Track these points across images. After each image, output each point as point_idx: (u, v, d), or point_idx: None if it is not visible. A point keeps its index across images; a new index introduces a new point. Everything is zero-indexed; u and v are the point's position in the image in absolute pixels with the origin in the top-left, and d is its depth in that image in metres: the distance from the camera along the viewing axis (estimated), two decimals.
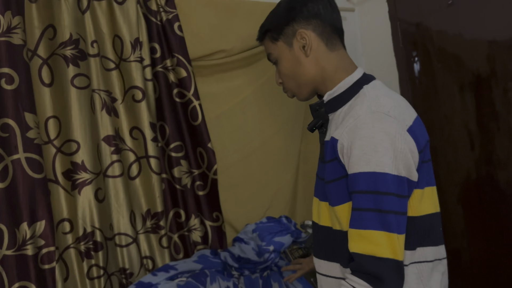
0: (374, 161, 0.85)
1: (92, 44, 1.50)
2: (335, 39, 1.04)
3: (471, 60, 2.00)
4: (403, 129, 0.89)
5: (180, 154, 1.67)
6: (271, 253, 1.59)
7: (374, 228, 0.85)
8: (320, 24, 1.02)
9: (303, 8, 1.03)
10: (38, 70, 1.41)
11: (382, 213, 0.85)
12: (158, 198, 1.57)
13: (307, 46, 1.02)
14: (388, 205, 0.85)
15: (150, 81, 1.59)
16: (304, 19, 1.03)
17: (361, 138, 0.87)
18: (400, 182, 0.86)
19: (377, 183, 0.85)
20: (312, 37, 1.02)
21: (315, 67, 1.03)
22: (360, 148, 0.87)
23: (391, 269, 0.84)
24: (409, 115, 0.95)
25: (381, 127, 0.87)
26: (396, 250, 0.85)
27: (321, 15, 1.02)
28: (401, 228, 0.87)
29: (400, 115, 0.91)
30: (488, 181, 1.98)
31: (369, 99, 0.94)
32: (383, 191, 0.85)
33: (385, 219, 0.85)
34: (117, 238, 1.51)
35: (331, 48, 1.03)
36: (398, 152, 0.86)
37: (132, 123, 1.57)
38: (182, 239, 1.65)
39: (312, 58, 1.03)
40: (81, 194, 1.43)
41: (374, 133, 0.87)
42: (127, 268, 1.52)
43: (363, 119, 0.89)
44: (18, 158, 1.32)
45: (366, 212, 0.86)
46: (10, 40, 1.34)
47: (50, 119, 1.41)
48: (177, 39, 1.64)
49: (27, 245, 1.31)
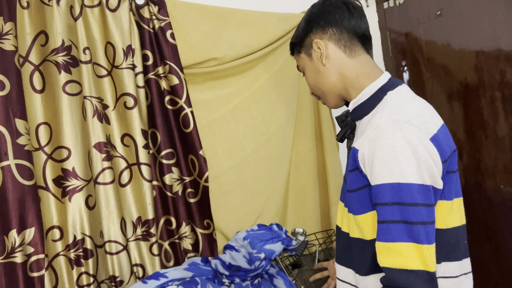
0: (397, 172, 0.84)
1: (84, 51, 1.50)
2: (355, 45, 1.04)
3: (459, 69, 2.03)
4: (425, 138, 0.87)
5: (172, 161, 1.67)
6: (262, 260, 1.60)
7: (402, 240, 0.83)
8: (336, 32, 1.03)
9: (320, 19, 1.05)
10: (30, 76, 1.40)
11: (409, 224, 0.83)
12: (149, 205, 1.56)
13: (322, 55, 1.04)
14: (415, 216, 0.83)
15: (142, 88, 1.59)
16: (320, 29, 1.05)
17: (382, 148, 0.86)
18: (426, 190, 0.85)
19: (402, 194, 0.84)
20: (328, 46, 1.04)
21: (335, 75, 1.04)
22: (382, 158, 0.85)
23: (423, 281, 0.82)
24: (434, 123, 0.92)
25: (402, 135, 0.85)
26: (427, 261, 0.83)
27: (337, 22, 1.03)
28: (430, 238, 0.85)
29: (423, 124, 0.88)
30: (476, 189, 2.01)
31: (390, 107, 0.92)
32: (409, 202, 0.83)
33: (413, 230, 0.83)
34: (107, 246, 1.51)
35: (351, 55, 1.03)
36: (422, 161, 0.85)
37: (123, 130, 1.57)
38: (173, 246, 1.65)
39: (330, 67, 1.04)
40: (72, 201, 1.42)
41: (395, 142, 0.85)
42: (117, 276, 1.51)
43: (383, 128, 0.87)
44: (8, 164, 1.31)
45: (393, 224, 0.84)
46: (1, 46, 1.33)
47: (41, 126, 1.41)
48: (170, 46, 1.65)
49: (16, 252, 1.30)
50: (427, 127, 0.89)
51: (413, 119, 0.88)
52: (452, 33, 2.03)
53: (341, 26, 1.03)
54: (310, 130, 2.10)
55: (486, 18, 1.87)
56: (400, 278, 0.83)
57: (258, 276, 1.61)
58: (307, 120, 2.10)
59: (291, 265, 1.77)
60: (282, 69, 2.02)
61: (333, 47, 1.03)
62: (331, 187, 2.11)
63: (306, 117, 2.10)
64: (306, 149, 2.09)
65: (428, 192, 0.85)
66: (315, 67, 1.07)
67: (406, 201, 0.83)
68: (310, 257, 1.83)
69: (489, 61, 1.90)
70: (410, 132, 0.85)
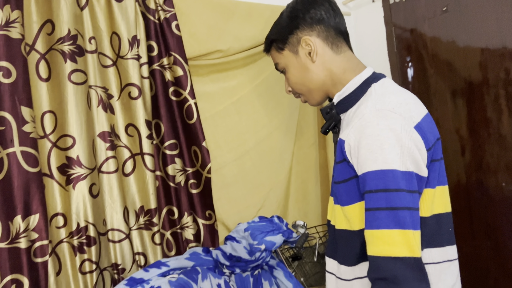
0: (381, 159, 0.85)
1: (90, 41, 1.51)
2: (340, 41, 1.06)
3: (463, 66, 2.03)
4: (409, 126, 0.88)
5: (175, 152, 1.69)
6: (262, 252, 1.61)
7: (388, 227, 0.83)
8: (323, 29, 1.04)
9: (306, 16, 1.05)
10: (36, 64, 1.41)
11: (395, 210, 0.83)
12: (152, 195, 1.58)
13: (313, 52, 1.04)
14: (400, 202, 0.83)
15: (147, 79, 1.60)
16: (308, 26, 1.05)
17: (367, 137, 0.87)
18: (409, 177, 0.85)
19: (386, 181, 0.84)
20: (317, 42, 1.04)
21: (323, 72, 1.05)
22: (367, 147, 0.87)
23: (409, 268, 0.82)
24: (418, 112, 0.94)
25: (386, 124, 0.87)
26: (413, 247, 0.83)
27: (324, 20, 1.04)
28: (415, 224, 0.85)
29: (407, 112, 0.90)
30: (478, 187, 2.02)
31: (375, 98, 0.94)
32: (393, 188, 0.84)
33: (398, 216, 0.83)
34: (110, 234, 1.52)
35: (337, 51, 1.05)
36: (405, 148, 0.86)
37: (127, 120, 1.58)
38: (175, 236, 1.67)
39: (319, 63, 1.05)
40: (76, 189, 1.44)
41: (380, 130, 0.87)
42: (119, 264, 1.53)
43: (368, 117, 0.89)
44: (13, 151, 1.33)
45: (378, 212, 0.84)
46: (8, 34, 1.34)
47: (46, 114, 1.42)
48: (174, 38, 1.66)
49: (20, 238, 1.32)
50: (411, 116, 0.90)
51: (397, 107, 0.90)
52: (457, 30, 2.03)
53: (328, 24, 1.04)
54: (312, 125, 2.11)
55: (492, 15, 1.87)
56: (385, 267, 0.83)
57: (258, 267, 1.62)
58: (310, 114, 2.11)
59: (291, 257, 1.79)
60: None
61: (321, 44, 1.04)
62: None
63: (309, 112, 2.11)
64: (308, 143, 2.10)
65: (411, 179, 0.86)
66: (302, 64, 1.07)
67: (390, 187, 0.84)
68: (310, 250, 1.85)
69: (493, 58, 1.90)
70: (394, 121, 0.87)
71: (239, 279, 1.55)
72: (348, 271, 0.98)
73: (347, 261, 0.98)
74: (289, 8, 1.10)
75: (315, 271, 1.85)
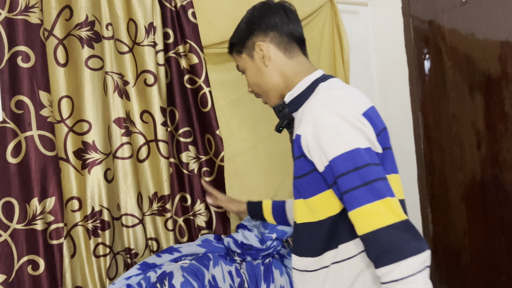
0: (342, 142, 0.91)
1: (107, 27, 1.52)
2: (293, 47, 1.13)
3: (482, 60, 2.00)
4: (357, 113, 0.95)
5: (189, 139, 1.70)
6: (274, 240, 1.62)
7: (369, 201, 0.87)
8: (277, 35, 1.11)
9: (261, 22, 1.13)
10: (54, 49, 1.43)
11: (370, 183, 0.88)
12: (165, 181, 1.59)
13: (265, 57, 1.12)
14: (372, 175, 0.89)
15: (162, 66, 1.61)
16: (262, 32, 1.12)
17: (322, 127, 0.93)
18: (370, 152, 0.92)
19: (354, 160, 0.89)
20: (270, 48, 1.11)
21: (276, 75, 1.12)
22: (325, 136, 0.93)
23: (402, 231, 0.85)
24: (363, 104, 1.01)
25: (335, 112, 0.94)
26: (397, 212, 0.87)
27: (278, 27, 1.11)
28: (391, 191, 0.89)
29: (353, 102, 0.98)
30: (493, 182, 1.99)
31: (322, 92, 1.03)
32: (361, 165, 0.89)
33: (375, 188, 0.88)
34: (123, 219, 1.55)
35: (290, 56, 1.12)
36: (358, 129, 0.93)
37: (143, 106, 1.59)
38: (187, 223, 1.68)
39: (272, 67, 1.12)
40: (91, 174, 1.46)
41: (331, 118, 0.93)
42: (133, 248, 1.55)
43: (318, 109, 0.96)
44: (31, 135, 1.35)
45: (356, 190, 0.89)
46: (27, 19, 1.36)
47: (63, 99, 1.44)
48: (191, 25, 1.66)
49: (36, 220, 1.34)
50: (357, 105, 0.98)
51: (343, 98, 0.98)
52: (477, 22, 1.99)
53: (281, 30, 1.12)
54: None
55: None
56: (381, 239, 0.86)
57: (269, 256, 1.63)
58: None
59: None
60: None
61: (274, 49, 1.12)
62: None
63: None
64: None
65: (372, 154, 0.92)
66: (257, 67, 1.14)
67: (359, 164, 0.89)
68: None
69: None
70: (342, 109, 0.94)
71: (250, 267, 1.56)
72: (314, 261, 1.02)
73: (312, 252, 1.02)
74: (247, 14, 1.18)
75: None
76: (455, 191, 2.14)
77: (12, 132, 1.33)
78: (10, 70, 1.34)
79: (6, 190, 1.31)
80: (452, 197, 2.16)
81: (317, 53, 2.06)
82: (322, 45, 2.08)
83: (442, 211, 2.20)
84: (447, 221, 2.19)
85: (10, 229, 1.31)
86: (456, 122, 2.12)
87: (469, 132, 2.07)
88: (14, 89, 1.34)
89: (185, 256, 1.53)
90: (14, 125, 1.34)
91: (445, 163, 2.18)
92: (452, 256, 2.18)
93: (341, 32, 2.14)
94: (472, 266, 2.10)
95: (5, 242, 1.30)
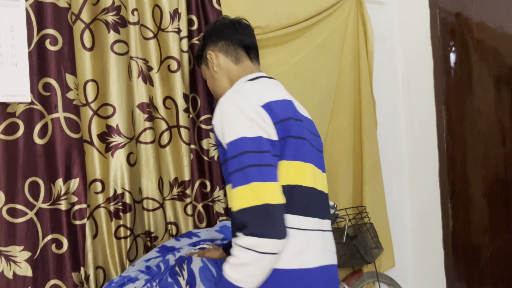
0: (233, 131, 1.03)
1: (133, 12, 1.54)
2: (240, 54, 1.29)
3: (510, 54, 1.95)
4: (256, 104, 1.06)
5: (210, 126, 1.70)
6: None
7: (240, 184, 0.99)
8: (224, 44, 1.29)
9: (212, 35, 1.33)
10: (80, 33, 1.45)
11: (243, 169, 1.00)
12: (186, 167, 1.61)
13: (214, 64, 1.29)
14: (247, 161, 1.00)
15: (186, 53, 1.62)
16: (213, 43, 1.31)
17: (223, 116, 1.06)
18: (258, 141, 1.02)
19: (237, 147, 1.02)
20: (218, 56, 1.29)
21: (224, 79, 1.29)
22: (225, 124, 1.05)
23: (255, 215, 0.97)
24: (270, 97, 1.09)
25: (234, 104, 1.06)
26: (261, 196, 0.97)
27: (226, 37, 1.30)
28: (266, 176, 0.99)
29: (256, 95, 1.09)
30: None
31: (234, 87, 1.17)
32: (241, 152, 1.01)
33: (246, 173, 0.99)
34: (145, 202, 1.57)
35: (236, 62, 1.28)
36: (252, 119, 1.03)
37: (166, 92, 1.61)
38: (206, 209, 1.70)
39: (221, 73, 1.29)
40: (114, 157, 1.49)
41: (230, 108, 1.06)
42: (153, 232, 1.58)
43: (223, 102, 1.09)
44: (57, 117, 1.38)
45: (234, 174, 1.01)
46: (56, 3, 1.38)
47: (89, 82, 1.46)
48: (215, 12, 1.66)
49: (61, 200, 1.38)
50: (260, 98, 1.08)
51: (246, 92, 1.10)
52: (507, 15, 1.94)
53: (228, 40, 1.29)
54: (348, 106, 2.08)
55: None
56: (237, 218, 0.99)
57: None
58: (346, 96, 2.08)
59: None
60: (325, 42, 2.00)
61: (222, 57, 1.29)
62: (366, 165, 2.10)
63: (346, 93, 2.08)
64: (343, 125, 2.08)
65: (260, 142, 1.02)
66: (211, 74, 1.32)
67: (239, 151, 1.01)
68: (339, 231, 1.85)
69: None
70: (240, 101, 1.07)
71: None
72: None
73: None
74: (204, 31, 1.40)
75: (343, 252, 1.85)
76: (477, 186, 2.11)
77: (39, 113, 1.36)
78: (39, 52, 1.37)
79: (32, 170, 1.35)
80: (473, 192, 2.13)
81: (340, 43, 2.04)
82: (346, 35, 2.06)
83: (463, 207, 2.17)
84: (467, 217, 2.16)
85: (36, 208, 1.35)
86: (481, 117, 2.08)
87: (494, 128, 2.03)
88: (42, 72, 1.37)
89: (203, 241, 1.54)
90: (41, 106, 1.37)
91: (467, 158, 2.15)
92: (472, 253, 2.15)
93: (365, 22, 2.12)
94: (492, 263, 2.07)
95: (31, 220, 1.34)
